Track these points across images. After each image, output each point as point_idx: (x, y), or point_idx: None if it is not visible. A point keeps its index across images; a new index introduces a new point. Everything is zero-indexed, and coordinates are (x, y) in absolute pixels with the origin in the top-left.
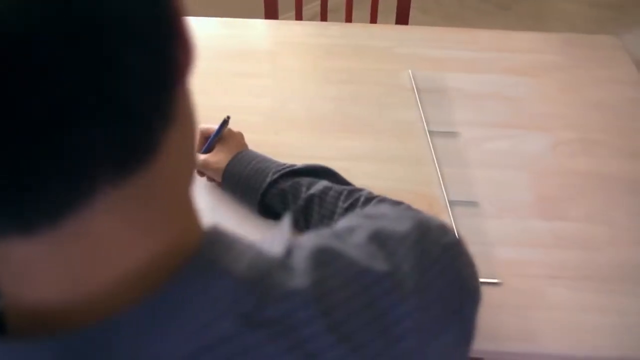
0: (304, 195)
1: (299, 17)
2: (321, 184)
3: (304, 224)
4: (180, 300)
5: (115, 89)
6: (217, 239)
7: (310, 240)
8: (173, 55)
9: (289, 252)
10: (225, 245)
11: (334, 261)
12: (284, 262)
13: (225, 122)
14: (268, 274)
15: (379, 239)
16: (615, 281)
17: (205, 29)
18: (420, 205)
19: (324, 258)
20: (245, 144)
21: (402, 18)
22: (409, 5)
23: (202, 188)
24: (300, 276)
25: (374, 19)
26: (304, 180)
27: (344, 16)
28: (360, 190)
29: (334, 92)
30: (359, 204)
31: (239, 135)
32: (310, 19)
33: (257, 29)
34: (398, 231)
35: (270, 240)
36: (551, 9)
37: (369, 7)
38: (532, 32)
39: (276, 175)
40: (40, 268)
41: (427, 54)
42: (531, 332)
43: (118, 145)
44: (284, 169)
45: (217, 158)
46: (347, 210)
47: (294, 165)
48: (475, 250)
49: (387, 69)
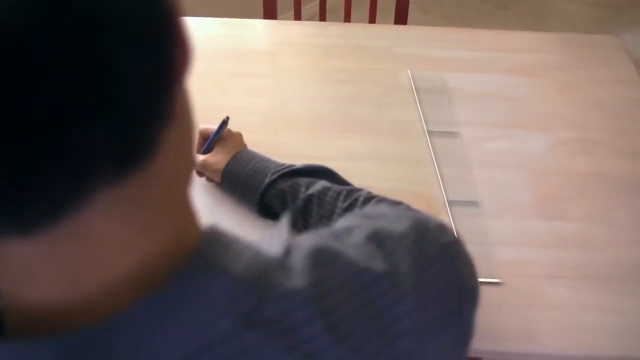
0: (302, 195)
1: (297, 17)
2: (320, 184)
3: (303, 224)
4: (179, 300)
5: (114, 88)
6: (216, 239)
7: (308, 240)
8: (171, 55)
9: (287, 252)
10: (224, 245)
11: (332, 261)
12: (282, 262)
13: (224, 123)
14: (266, 274)
15: (378, 238)
16: (615, 281)
17: (204, 29)
18: (420, 205)
19: (322, 258)
20: (244, 144)
21: (401, 18)
22: (408, 5)
23: (201, 188)
24: (298, 276)
25: (372, 19)
26: (303, 181)
27: (342, 16)
28: (359, 190)
29: (332, 92)
30: (358, 204)
31: (238, 136)
32: (309, 19)
33: (256, 29)
34: (396, 231)
35: (269, 240)
36: (550, 9)
37: (367, 7)
38: (532, 32)
39: (275, 176)
40: (40, 268)
41: (426, 54)
42: (531, 332)
43: (117, 145)
44: (283, 169)
45: (216, 158)
46: (346, 210)
47: (293, 165)
48: (474, 250)
49: (386, 69)
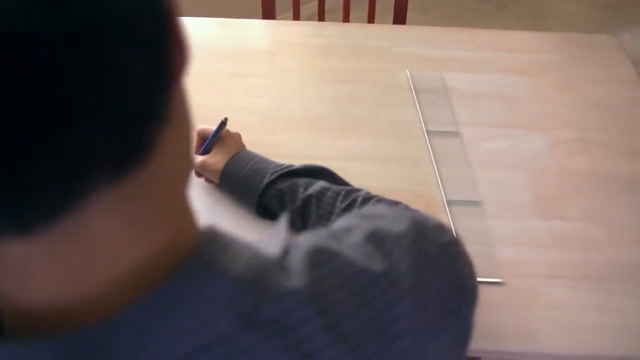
0: (301, 195)
1: (296, 17)
2: (319, 185)
3: (302, 224)
4: (178, 300)
5: (113, 88)
6: (214, 239)
7: (307, 240)
8: (168, 55)
9: (285, 252)
10: (222, 246)
11: (330, 261)
12: (280, 262)
13: (223, 124)
14: (265, 274)
15: (376, 239)
16: (614, 281)
17: (203, 29)
18: (418, 205)
19: (320, 258)
20: (242, 145)
21: (400, 18)
22: (407, 5)
23: (200, 189)
24: (297, 276)
25: (371, 19)
26: (302, 181)
27: (341, 16)
28: (357, 190)
29: (331, 92)
30: (357, 204)
31: (237, 136)
32: (308, 19)
33: (255, 29)
34: (395, 231)
35: (267, 240)
36: (549, 9)
37: (366, 7)
38: (530, 32)
39: (274, 176)
40: (39, 268)
41: (425, 54)
42: (530, 332)
43: (116, 144)
44: (281, 169)
45: (215, 159)
46: (345, 210)
47: (291, 165)
48: (473, 249)
49: (385, 69)
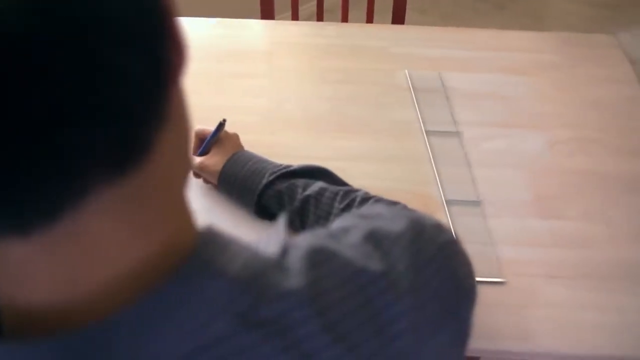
0: (300, 196)
1: (295, 17)
2: (317, 185)
3: (300, 225)
4: (177, 300)
5: (113, 88)
6: (212, 239)
7: (305, 240)
8: (167, 55)
9: (284, 252)
10: (221, 246)
11: (329, 261)
12: (279, 262)
13: (221, 125)
14: (263, 274)
15: (374, 238)
16: (614, 280)
17: (201, 30)
18: (418, 205)
19: (319, 258)
20: (241, 145)
21: (398, 18)
22: (405, 5)
23: (198, 189)
24: (295, 276)
25: (370, 19)
26: (300, 182)
27: (340, 16)
28: (356, 191)
29: (330, 92)
30: (355, 204)
31: (235, 137)
32: (307, 19)
33: (253, 29)
34: (393, 231)
35: (266, 240)
36: (548, 8)
37: (365, 7)
38: (529, 32)
39: (272, 177)
40: (38, 268)
41: (424, 54)
42: (529, 331)
43: (115, 144)
44: (280, 170)
45: (214, 160)
46: (343, 211)
47: (290, 166)
48: (473, 249)
49: (384, 69)
